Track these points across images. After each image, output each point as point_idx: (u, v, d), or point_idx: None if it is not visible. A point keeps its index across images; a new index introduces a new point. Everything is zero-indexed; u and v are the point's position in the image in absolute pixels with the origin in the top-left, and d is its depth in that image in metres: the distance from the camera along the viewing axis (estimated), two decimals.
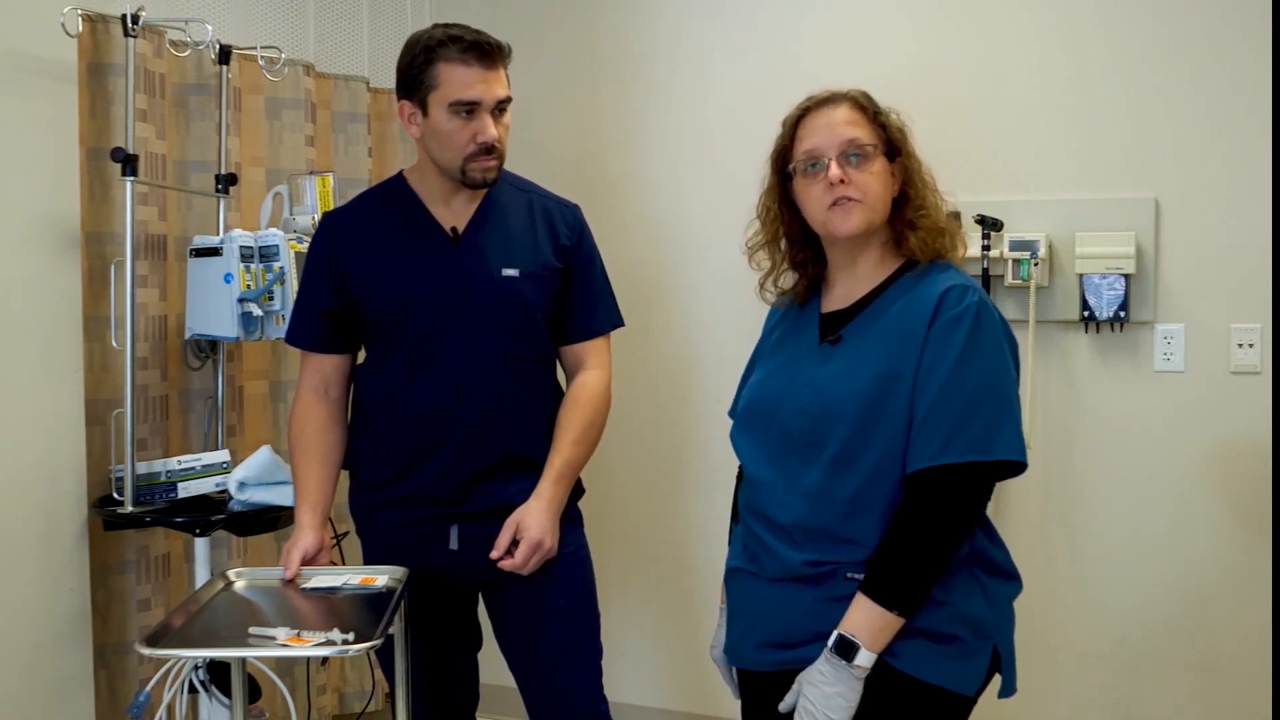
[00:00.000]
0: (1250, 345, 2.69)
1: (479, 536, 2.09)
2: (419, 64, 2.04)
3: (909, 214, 1.75)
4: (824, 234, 1.77)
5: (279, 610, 1.92)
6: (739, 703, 1.91)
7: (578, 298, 2.20)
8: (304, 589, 1.99)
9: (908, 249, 1.75)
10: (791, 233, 1.82)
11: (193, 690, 2.52)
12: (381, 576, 2.03)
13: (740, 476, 1.96)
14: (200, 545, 2.58)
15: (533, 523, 2.06)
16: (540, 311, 2.14)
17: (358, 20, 3.39)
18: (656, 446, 3.30)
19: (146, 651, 1.69)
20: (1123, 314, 2.75)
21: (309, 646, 1.70)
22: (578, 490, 2.22)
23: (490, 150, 2.05)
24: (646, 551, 3.32)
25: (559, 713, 2.18)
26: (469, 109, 2.02)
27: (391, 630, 1.87)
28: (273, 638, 1.72)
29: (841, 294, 1.79)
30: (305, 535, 2.09)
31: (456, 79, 2.01)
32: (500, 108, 2.06)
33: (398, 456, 2.13)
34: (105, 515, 2.51)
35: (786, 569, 1.71)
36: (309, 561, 2.07)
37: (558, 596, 2.14)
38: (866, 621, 1.62)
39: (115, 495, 2.55)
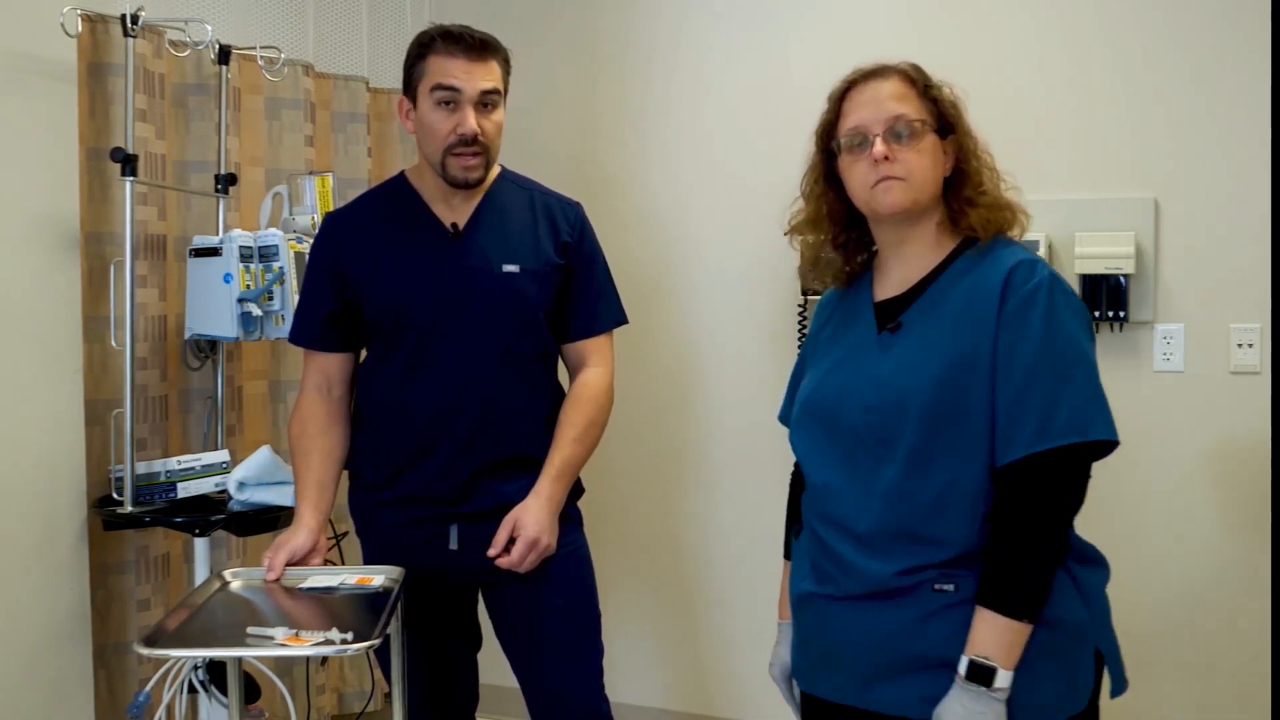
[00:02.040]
0: (1250, 345, 2.69)
1: (479, 536, 2.09)
2: (413, 59, 2.07)
3: (967, 192, 1.64)
4: (868, 213, 1.67)
5: (278, 610, 1.92)
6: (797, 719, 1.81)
7: (580, 295, 2.19)
8: (301, 589, 1.99)
9: (967, 225, 1.64)
10: (835, 212, 1.72)
11: (192, 690, 2.52)
12: (378, 576, 2.02)
13: (795, 482, 1.84)
14: (200, 545, 2.58)
15: (530, 520, 2.06)
16: (541, 309, 2.14)
17: (357, 20, 3.39)
18: (656, 446, 3.30)
19: (145, 651, 1.68)
20: (1122, 314, 2.75)
21: (308, 646, 1.69)
22: (577, 489, 2.21)
23: (470, 143, 2.03)
24: (646, 551, 3.32)
25: (559, 712, 2.18)
26: (450, 99, 2.02)
27: (389, 630, 1.87)
28: (271, 637, 1.72)
29: (896, 280, 1.68)
30: (300, 534, 2.05)
31: (439, 67, 2.03)
32: (487, 103, 2.05)
33: (397, 456, 2.13)
34: (105, 515, 2.51)
35: (875, 582, 1.58)
36: (298, 562, 2.03)
37: (556, 596, 2.14)
38: (995, 638, 1.49)
39: (115, 495, 2.55)
